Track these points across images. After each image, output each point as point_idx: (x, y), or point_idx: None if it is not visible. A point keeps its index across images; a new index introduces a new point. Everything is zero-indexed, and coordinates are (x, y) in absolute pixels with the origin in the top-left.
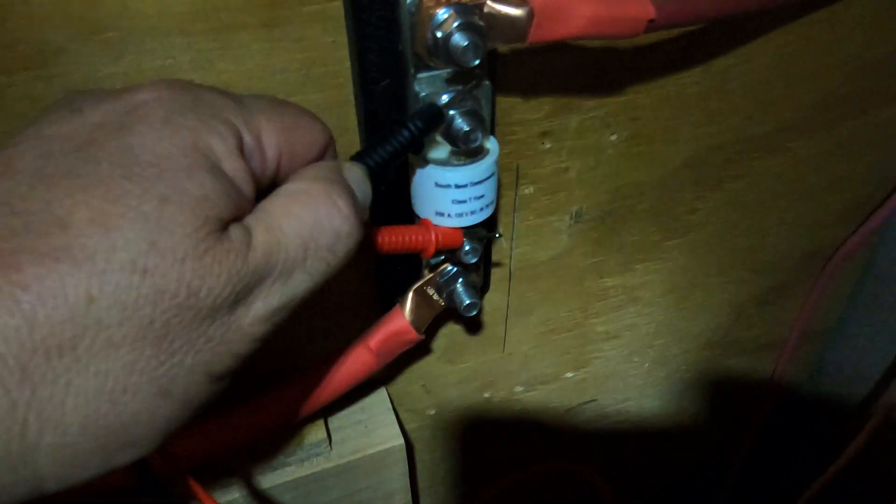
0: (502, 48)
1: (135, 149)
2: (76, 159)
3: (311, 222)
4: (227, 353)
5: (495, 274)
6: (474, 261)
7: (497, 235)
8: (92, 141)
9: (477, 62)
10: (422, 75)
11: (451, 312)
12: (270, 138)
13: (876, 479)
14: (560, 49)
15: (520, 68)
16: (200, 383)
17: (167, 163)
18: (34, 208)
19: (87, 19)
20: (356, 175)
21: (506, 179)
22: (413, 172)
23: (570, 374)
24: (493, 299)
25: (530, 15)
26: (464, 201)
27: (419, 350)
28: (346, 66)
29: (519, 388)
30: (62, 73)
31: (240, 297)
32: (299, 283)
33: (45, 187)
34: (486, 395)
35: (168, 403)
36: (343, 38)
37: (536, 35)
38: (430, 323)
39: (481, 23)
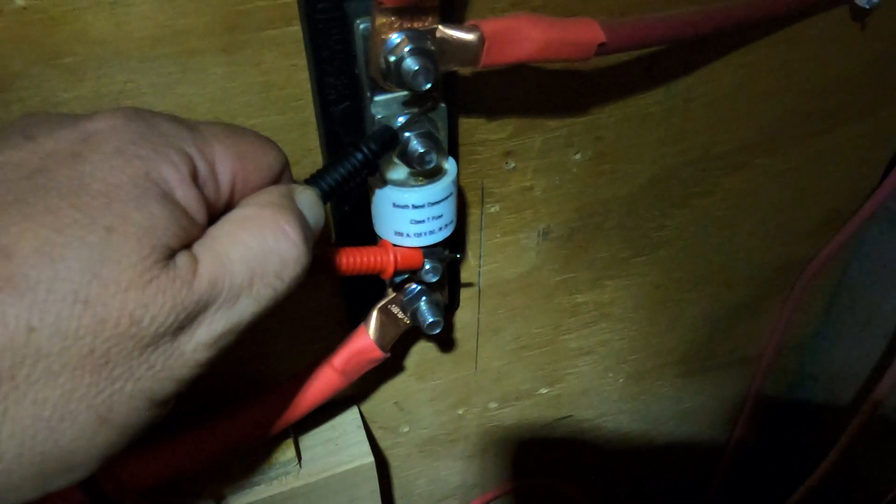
0: (463, 70)
1: (85, 178)
2: (26, 187)
3: (257, 248)
4: (169, 379)
5: (465, 291)
6: (435, 280)
7: (457, 256)
8: (43, 169)
9: (429, 86)
10: (378, 98)
11: (418, 330)
12: (225, 165)
13: (863, 479)
14: (521, 70)
15: (482, 89)
16: (141, 409)
17: (117, 192)
18: None
19: (46, 45)
20: (308, 199)
21: (472, 198)
22: (372, 193)
23: (544, 390)
24: (463, 316)
25: (481, 39)
26: (422, 221)
27: (391, 367)
28: (307, 88)
29: (493, 405)
30: (21, 97)
31: (183, 324)
32: (245, 309)
33: None
34: (460, 411)
35: (107, 430)
36: (302, 61)
37: (488, 59)
38: (399, 340)
39: (433, 47)
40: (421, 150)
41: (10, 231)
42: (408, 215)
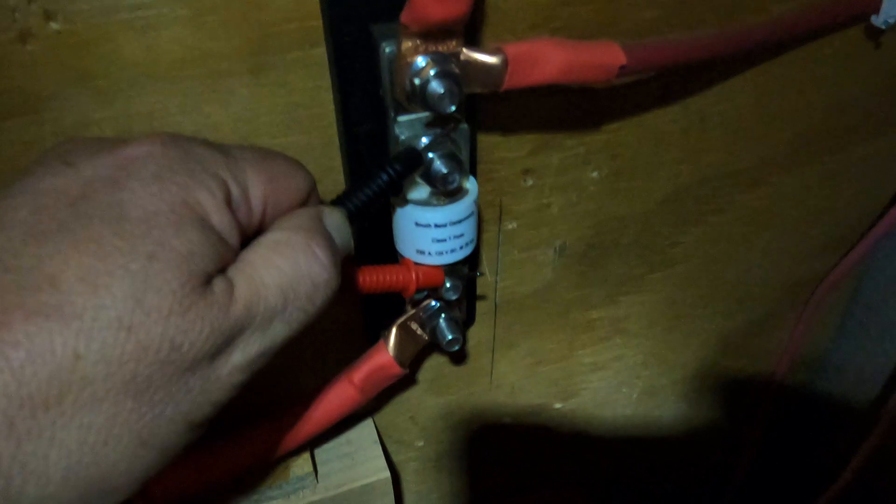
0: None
1: (125, 205)
2: (69, 215)
3: (290, 273)
4: (206, 402)
5: (481, 307)
6: (455, 298)
7: (479, 274)
8: (84, 196)
9: (453, 108)
10: (402, 119)
11: (436, 346)
12: (257, 189)
13: (877, 497)
14: (539, 90)
15: (500, 109)
16: (180, 432)
17: (156, 219)
18: (26, 265)
19: (79, 67)
20: (336, 220)
21: (490, 215)
22: (394, 212)
23: (558, 405)
24: (478, 332)
25: (505, 63)
26: (444, 240)
27: (406, 382)
28: (331, 108)
29: (507, 419)
30: (54, 118)
31: (220, 348)
32: (278, 332)
33: (38, 243)
34: (475, 426)
35: (147, 452)
36: (327, 82)
37: (511, 82)
38: (416, 356)
39: (457, 70)
40: (444, 171)
41: (55, 260)
42: (430, 234)
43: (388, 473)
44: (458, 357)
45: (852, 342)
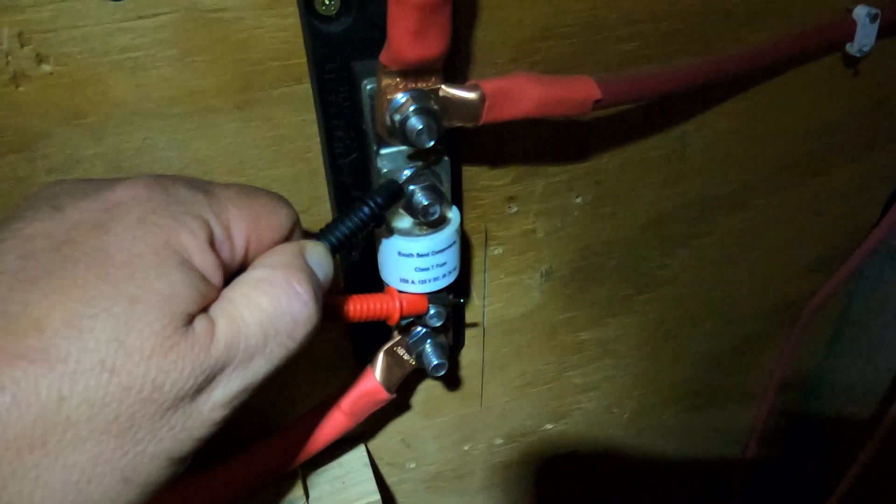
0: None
1: (110, 248)
2: (55, 259)
3: (271, 310)
4: (187, 438)
5: (470, 330)
6: (439, 324)
7: (460, 301)
8: (70, 241)
9: (432, 143)
10: (384, 151)
11: (422, 371)
12: (239, 227)
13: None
14: (521, 121)
15: (483, 139)
16: (162, 468)
17: (139, 262)
18: (12, 310)
19: (70, 106)
20: (318, 255)
21: (476, 241)
22: (378, 242)
23: (549, 426)
24: (468, 355)
25: (482, 98)
26: (427, 269)
27: (397, 405)
28: (316, 141)
29: (499, 441)
30: (45, 154)
31: (202, 386)
32: (259, 368)
33: (24, 289)
34: (466, 447)
35: (130, 489)
36: (312, 116)
37: (489, 116)
38: (406, 378)
39: (436, 107)
40: (425, 203)
41: (41, 304)
42: (413, 263)
43: (378, 496)
44: (449, 380)
45: (843, 360)
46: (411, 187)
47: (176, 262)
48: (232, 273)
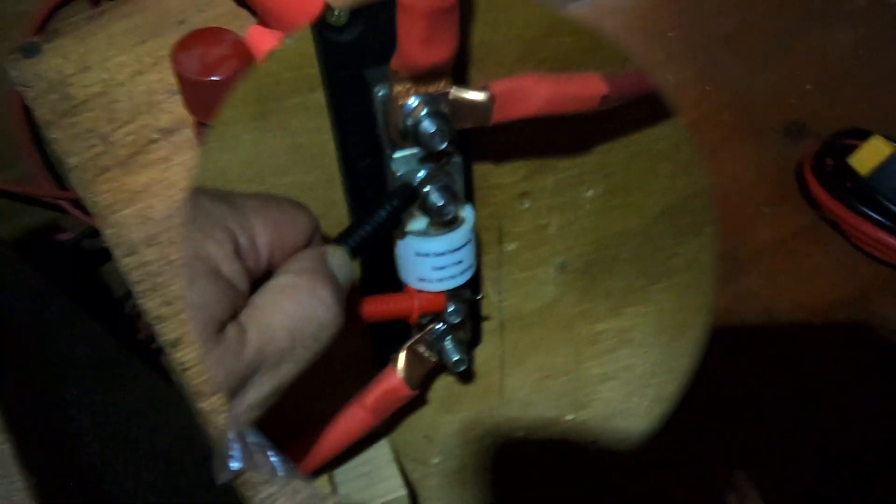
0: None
1: None
2: None
3: (297, 315)
4: None
5: (487, 326)
6: (458, 320)
7: (479, 297)
8: None
9: (444, 145)
10: (398, 155)
11: (443, 367)
12: (263, 236)
13: None
14: (530, 119)
15: (493, 138)
16: None
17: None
18: None
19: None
20: (338, 259)
21: (490, 238)
22: (395, 243)
23: (570, 417)
24: (486, 350)
25: (491, 99)
26: (443, 267)
27: (419, 402)
28: (331, 147)
29: (520, 434)
30: None
31: (235, 390)
32: (287, 371)
33: None
34: (488, 441)
35: None
36: (326, 123)
37: (498, 116)
38: (427, 376)
39: (446, 109)
40: (440, 203)
41: None
42: (430, 263)
43: (405, 491)
44: (468, 375)
45: None
46: (426, 188)
47: (206, 271)
48: (257, 280)
